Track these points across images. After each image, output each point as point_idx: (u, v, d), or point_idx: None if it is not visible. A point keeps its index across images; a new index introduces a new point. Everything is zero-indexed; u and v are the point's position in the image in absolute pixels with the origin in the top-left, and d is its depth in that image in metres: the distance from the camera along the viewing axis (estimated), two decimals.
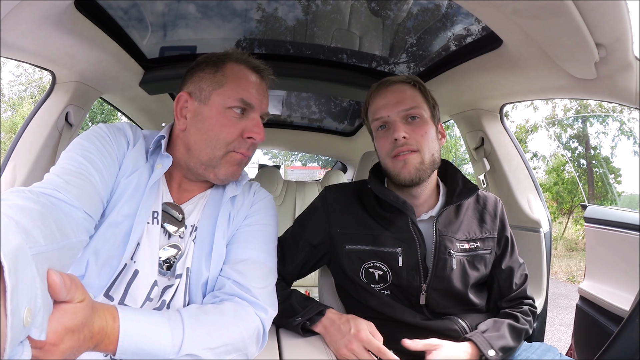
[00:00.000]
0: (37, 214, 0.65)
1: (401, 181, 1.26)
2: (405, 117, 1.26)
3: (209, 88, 1.10)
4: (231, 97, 1.08)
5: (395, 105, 1.27)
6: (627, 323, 0.94)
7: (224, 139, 1.07)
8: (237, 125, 1.08)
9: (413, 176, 1.24)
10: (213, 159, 1.07)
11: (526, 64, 1.48)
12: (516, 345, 1.25)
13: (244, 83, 1.11)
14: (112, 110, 16.96)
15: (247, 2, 1.89)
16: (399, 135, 1.22)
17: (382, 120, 1.29)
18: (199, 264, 1.06)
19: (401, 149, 1.23)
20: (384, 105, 1.29)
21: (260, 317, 1.00)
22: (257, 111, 1.12)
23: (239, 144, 1.09)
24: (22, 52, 1.47)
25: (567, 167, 12.96)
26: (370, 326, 1.18)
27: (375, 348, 1.12)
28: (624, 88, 1.32)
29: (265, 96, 1.16)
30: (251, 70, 1.14)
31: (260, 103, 1.13)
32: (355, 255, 1.31)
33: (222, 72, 1.11)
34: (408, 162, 1.23)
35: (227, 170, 1.09)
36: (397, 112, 1.26)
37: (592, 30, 1.09)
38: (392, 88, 1.31)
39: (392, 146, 1.25)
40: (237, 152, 1.09)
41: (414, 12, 1.87)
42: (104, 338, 0.71)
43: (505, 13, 1.16)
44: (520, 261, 1.40)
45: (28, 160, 1.70)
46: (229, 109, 1.08)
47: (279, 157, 26.90)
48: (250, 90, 1.11)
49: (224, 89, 1.09)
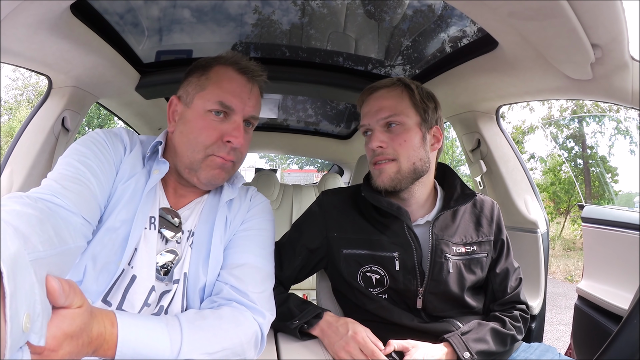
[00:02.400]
0: (35, 220, 0.65)
1: (378, 188, 1.28)
2: (385, 124, 1.27)
3: (193, 91, 1.10)
4: (210, 99, 1.07)
5: (375, 114, 1.28)
6: (626, 322, 0.94)
7: (202, 143, 1.06)
8: (217, 129, 1.07)
9: (387, 185, 1.26)
10: (194, 162, 1.06)
11: (522, 66, 1.48)
12: (499, 349, 1.24)
13: (225, 85, 1.09)
14: (108, 115, 16.93)
15: (242, 7, 1.89)
16: (374, 145, 1.26)
17: (365, 128, 1.32)
18: (196, 269, 1.06)
19: (378, 158, 1.26)
20: (366, 113, 1.31)
21: (258, 321, 1.00)
22: (239, 114, 1.09)
23: (218, 148, 1.07)
24: (19, 57, 1.47)
25: (563, 167, 13.01)
26: (368, 332, 1.18)
27: (369, 351, 1.12)
28: (620, 88, 1.33)
29: (251, 99, 1.12)
30: (237, 72, 1.12)
31: (244, 106, 1.10)
32: (353, 259, 1.31)
33: (207, 75, 1.10)
34: (383, 172, 1.26)
35: (207, 174, 1.07)
36: (376, 120, 1.27)
37: (587, 31, 1.09)
38: (375, 95, 1.32)
39: (371, 154, 1.29)
40: (217, 156, 1.07)
41: (409, 14, 1.88)
42: (102, 343, 0.71)
43: (500, 15, 1.17)
44: (516, 265, 1.40)
45: (25, 165, 1.69)
46: (208, 112, 1.07)
47: (275, 160, 26.92)
48: (231, 92, 1.08)
49: (205, 91, 1.09)
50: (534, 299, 1.83)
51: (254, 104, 1.13)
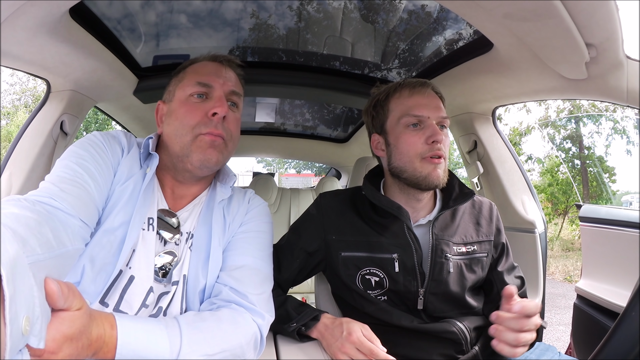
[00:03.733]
0: (34, 223, 0.66)
1: (427, 184, 1.25)
2: (439, 123, 1.27)
3: (173, 88, 1.17)
4: (189, 84, 1.12)
5: (435, 109, 1.27)
6: (623, 317, 0.94)
7: (188, 124, 1.07)
8: (200, 108, 1.09)
9: (440, 181, 1.25)
10: (184, 147, 1.07)
11: (517, 67, 1.49)
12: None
13: (200, 69, 1.16)
14: (106, 119, 16.93)
15: (238, 12, 1.90)
16: (441, 138, 1.23)
17: (418, 119, 1.27)
18: (195, 271, 1.06)
19: (438, 152, 1.23)
20: (425, 105, 1.27)
21: (258, 323, 1.00)
22: (219, 90, 1.12)
23: (205, 124, 1.07)
24: (18, 60, 1.47)
25: (561, 168, 13.05)
26: (365, 328, 1.16)
27: (367, 349, 1.10)
28: (615, 87, 1.34)
29: (227, 78, 1.16)
30: (210, 60, 1.19)
31: (222, 81, 1.14)
32: (351, 262, 1.31)
33: (184, 72, 1.18)
34: (438, 167, 1.24)
35: (199, 155, 1.07)
36: (437, 116, 1.26)
37: (582, 31, 1.10)
38: (431, 92, 1.31)
39: (426, 147, 1.24)
40: (206, 134, 1.07)
41: (405, 17, 1.88)
42: (102, 346, 0.71)
43: (495, 17, 1.17)
44: (515, 264, 1.41)
45: (24, 168, 1.70)
46: (190, 96, 1.11)
47: (273, 164, 26.93)
48: (206, 73, 1.14)
49: (183, 82, 1.14)
50: (532, 298, 1.82)
51: (232, 81, 1.17)
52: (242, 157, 6.92)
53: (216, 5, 1.84)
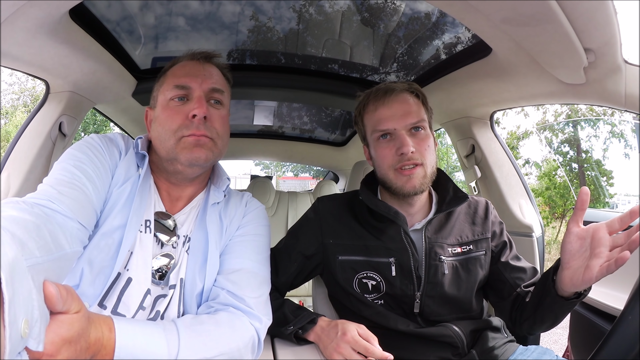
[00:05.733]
0: (32, 225, 0.65)
1: (404, 194, 1.25)
2: (410, 129, 1.25)
3: (156, 93, 1.16)
4: (168, 89, 1.11)
5: (402, 118, 1.25)
6: (620, 320, 0.95)
7: (170, 128, 1.07)
8: (180, 111, 1.08)
9: (417, 189, 1.24)
10: (170, 151, 1.07)
11: (515, 71, 1.50)
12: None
13: (177, 71, 1.14)
14: (104, 121, 16.88)
15: (237, 15, 1.90)
16: (408, 150, 1.21)
17: (386, 131, 1.27)
18: (192, 275, 1.06)
19: (407, 162, 1.22)
20: (390, 117, 1.26)
21: (255, 326, 1.00)
22: (198, 90, 1.10)
23: (187, 127, 1.06)
24: (17, 60, 1.47)
25: (559, 171, 13.06)
26: (361, 328, 1.16)
27: (362, 348, 1.10)
28: (613, 91, 1.34)
29: (207, 75, 1.14)
30: (188, 60, 1.17)
31: (200, 81, 1.11)
32: (349, 265, 1.31)
33: (164, 75, 1.17)
34: (413, 177, 1.23)
35: (185, 155, 1.06)
36: (404, 125, 1.25)
37: (580, 36, 1.10)
38: (398, 98, 1.28)
39: (396, 159, 1.24)
40: (188, 136, 1.06)
41: (404, 21, 1.89)
42: (100, 349, 0.71)
43: (494, 21, 1.18)
44: (520, 257, 1.40)
45: (22, 169, 1.70)
46: (170, 100, 1.10)
47: (270, 167, 26.90)
48: (184, 75, 1.12)
49: (163, 86, 1.14)
50: None
51: (212, 79, 1.15)
52: (239, 159, 6.90)
53: (214, 8, 1.84)
